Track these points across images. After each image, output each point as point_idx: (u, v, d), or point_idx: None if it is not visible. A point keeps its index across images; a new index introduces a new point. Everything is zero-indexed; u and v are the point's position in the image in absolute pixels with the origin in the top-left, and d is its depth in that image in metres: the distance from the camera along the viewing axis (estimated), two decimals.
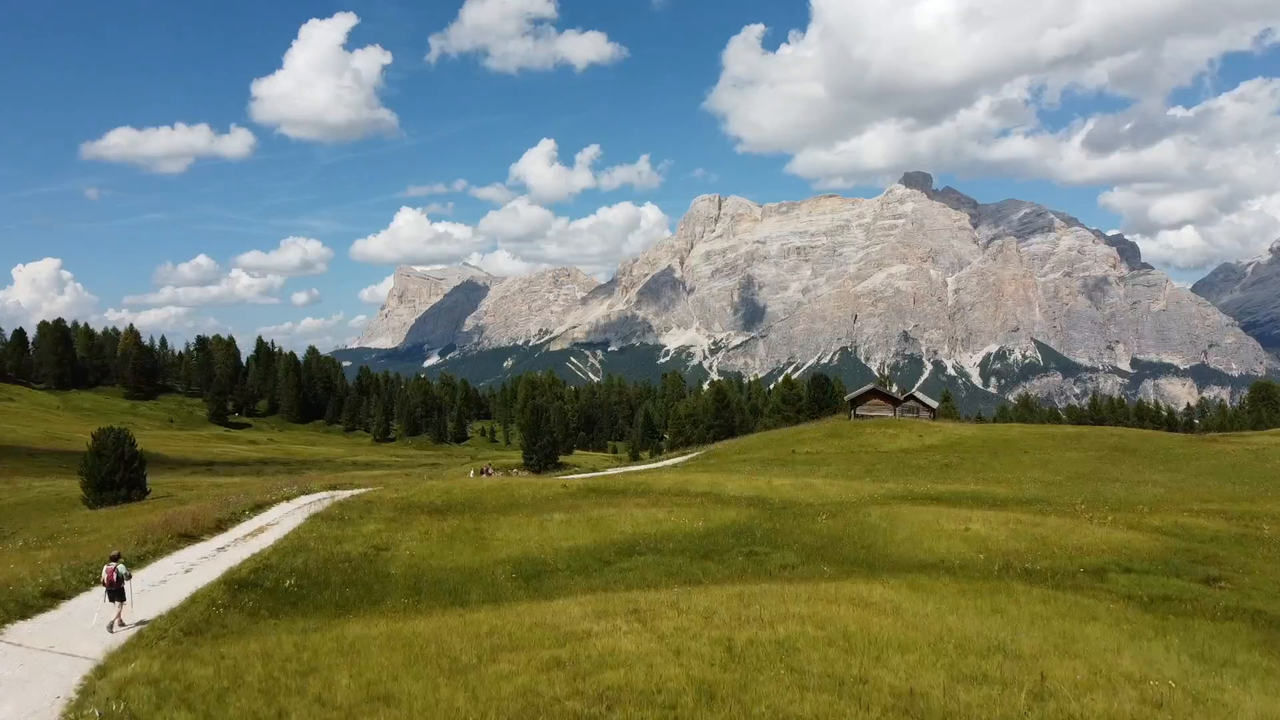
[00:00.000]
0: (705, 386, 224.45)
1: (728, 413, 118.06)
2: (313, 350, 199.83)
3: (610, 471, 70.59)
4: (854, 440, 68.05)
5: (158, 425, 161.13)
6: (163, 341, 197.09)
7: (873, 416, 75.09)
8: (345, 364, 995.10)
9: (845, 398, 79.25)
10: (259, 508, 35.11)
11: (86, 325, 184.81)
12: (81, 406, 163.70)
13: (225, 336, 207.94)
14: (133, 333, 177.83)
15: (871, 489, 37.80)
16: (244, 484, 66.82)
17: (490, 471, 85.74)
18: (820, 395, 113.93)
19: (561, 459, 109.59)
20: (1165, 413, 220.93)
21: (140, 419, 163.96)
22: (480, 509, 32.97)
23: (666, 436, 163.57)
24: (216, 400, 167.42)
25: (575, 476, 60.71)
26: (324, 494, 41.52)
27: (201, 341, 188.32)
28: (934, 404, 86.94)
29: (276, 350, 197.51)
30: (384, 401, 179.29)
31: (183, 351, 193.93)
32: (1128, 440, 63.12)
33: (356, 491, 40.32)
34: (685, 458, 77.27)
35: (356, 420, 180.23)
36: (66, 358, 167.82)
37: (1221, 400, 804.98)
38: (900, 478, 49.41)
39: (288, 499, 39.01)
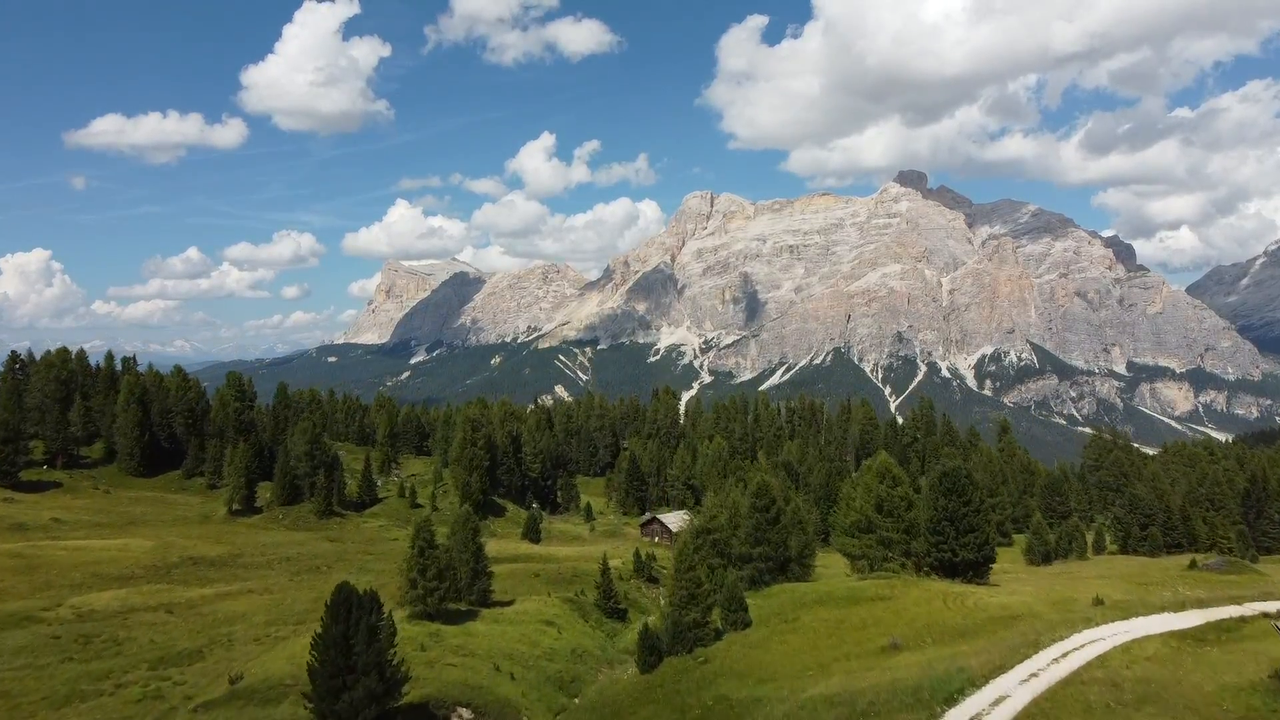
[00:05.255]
0: (711, 410, 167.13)
1: (777, 531, 59.80)
2: (179, 370, 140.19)
3: None
4: None
5: None
6: None
7: None
8: (330, 360, 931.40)
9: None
10: None
11: None
12: None
13: (77, 349, 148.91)
14: None
15: None
16: None
17: None
18: (957, 510, 55.85)
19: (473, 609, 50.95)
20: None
21: None
22: None
23: (665, 516, 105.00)
24: (2, 446, 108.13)
25: None
26: None
27: (15, 359, 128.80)
28: None
29: (127, 368, 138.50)
30: (254, 448, 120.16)
31: None
32: None
33: None
34: None
35: (223, 473, 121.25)
36: None
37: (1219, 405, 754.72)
38: None
39: None
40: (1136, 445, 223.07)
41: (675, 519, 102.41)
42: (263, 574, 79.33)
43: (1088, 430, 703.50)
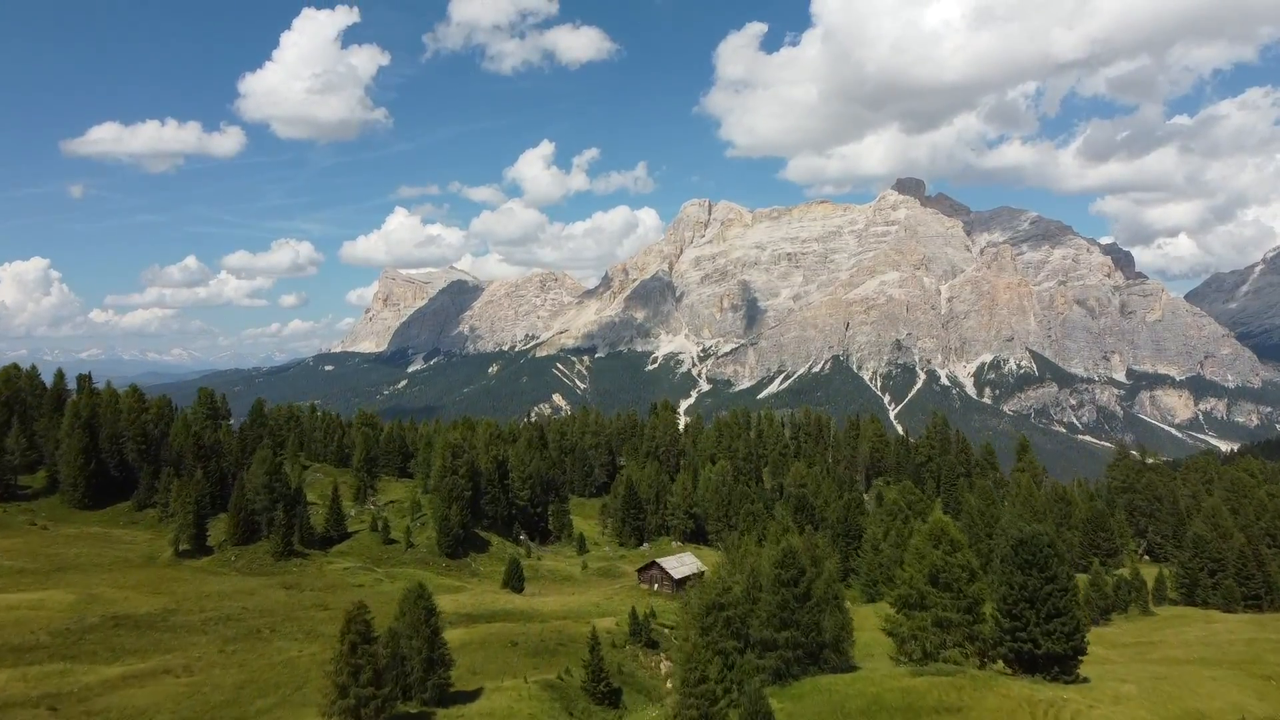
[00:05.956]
0: (716, 464, 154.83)
1: (808, 610, 47.23)
2: (134, 389, 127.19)
3: None
4: None
5: None
6: None
7: None
8: (327, 368, 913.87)
9: None
10: None
11: None
12: None
13: (29, 365, 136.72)
14: None
15: None
16: None
17: None
18: (1039, 589, 43.45)
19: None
20: None
21: None
22: None
23: (665, 560, 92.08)
24: None
25: None
26: None
27: None
28: None
29: (82, 387, 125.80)
30: (215, 475, 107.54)
31: None
32: None
33: None
34: None
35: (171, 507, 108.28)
36: None
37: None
38: None
39: None
40: (1135, 454, 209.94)
41: (677, 563, 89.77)
42: (191, 641, 66.52)
43: (1089, 438, 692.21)
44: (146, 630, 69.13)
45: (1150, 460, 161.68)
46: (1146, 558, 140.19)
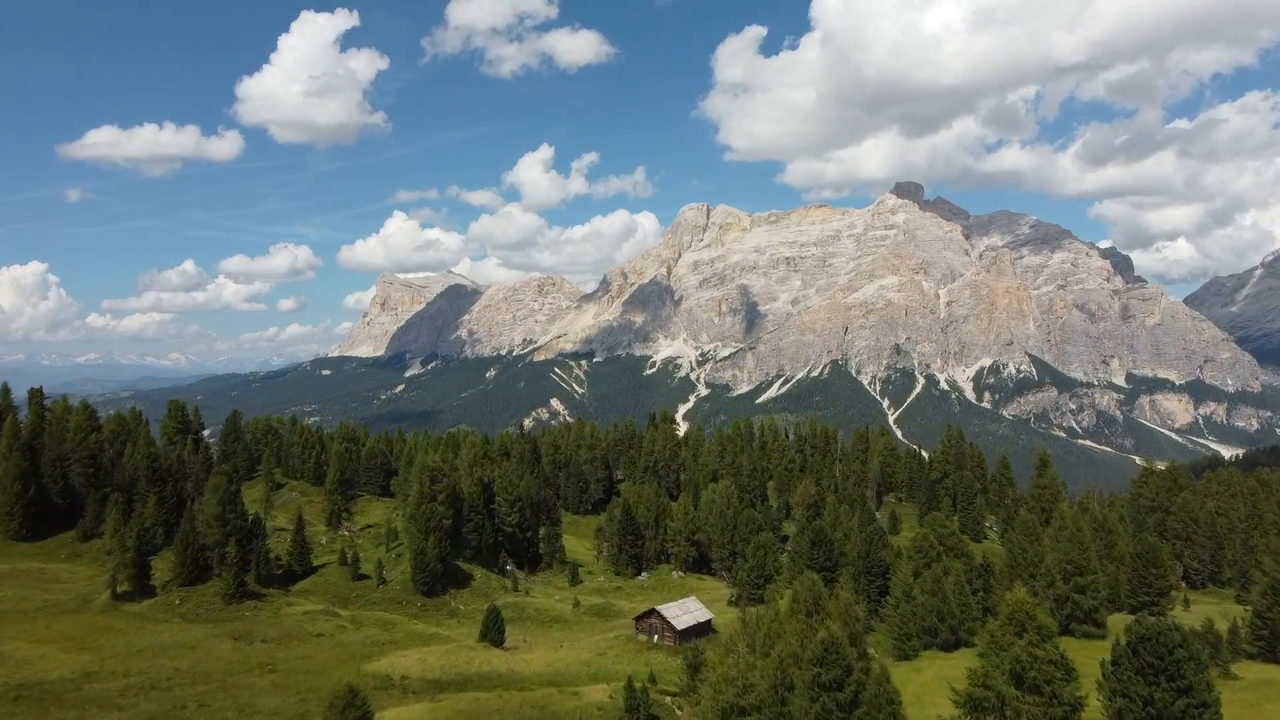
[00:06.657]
0: (717, 493, 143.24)
1: (850, 709, 35.71)
2: (85, 406, 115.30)
3: None
4: None
5: None
6: None
7: None
8: (324, 373, 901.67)
9: None
10: None
11: None
12: None
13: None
14: None
15: None
16: None
17: None
18: (1168, 704, 31.77)
19: None
20: None
21: None
22: None
23: (666, 607, 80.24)
24: None
25: None
26: None
27: None
28: None
29: (30, 403, 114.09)
30: (171, 502, 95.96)
31: None
32: None
33: None
34: None
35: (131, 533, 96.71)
36: None
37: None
38: None
39: None
40: (1135, 458, 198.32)
41: (680, 611, 78.27)
42: None
43: (1088, 443, 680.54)
44: (51, 705, 57.52)
45: (1180, 478, 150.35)
46: (1184, 584, 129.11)
